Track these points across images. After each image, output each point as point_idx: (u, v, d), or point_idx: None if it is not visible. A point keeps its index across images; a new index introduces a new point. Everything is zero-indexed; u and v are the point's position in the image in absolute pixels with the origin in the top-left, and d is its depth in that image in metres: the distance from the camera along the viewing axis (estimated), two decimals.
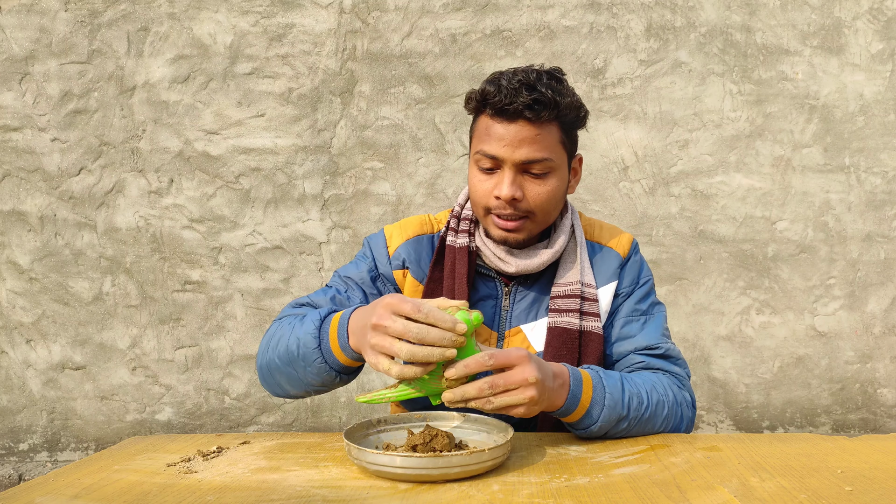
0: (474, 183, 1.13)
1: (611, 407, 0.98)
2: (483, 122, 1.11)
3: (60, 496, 0.82)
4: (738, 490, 0.78)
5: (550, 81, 1.07)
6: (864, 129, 2.56)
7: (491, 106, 1.08)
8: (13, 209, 2.65)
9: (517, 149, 1.07)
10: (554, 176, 1.11)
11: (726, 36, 2.56)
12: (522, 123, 1.07)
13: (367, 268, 1.21)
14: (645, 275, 1.23)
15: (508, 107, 1.05)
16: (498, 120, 1.08)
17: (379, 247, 1.23)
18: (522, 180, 1.09)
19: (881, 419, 2.60)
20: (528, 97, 1.04)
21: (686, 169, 2.59)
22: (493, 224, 1.13)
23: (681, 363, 1.16)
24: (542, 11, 2.58)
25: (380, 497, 0.79)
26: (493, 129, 1.08)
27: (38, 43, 2.61)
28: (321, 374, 0.99)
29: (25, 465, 2.70)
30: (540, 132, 1.07)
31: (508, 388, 0.87)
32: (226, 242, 2.64)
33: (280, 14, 2.60)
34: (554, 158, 1.09)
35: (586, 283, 1.16)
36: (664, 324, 1.19)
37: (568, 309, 1.14)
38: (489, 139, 1.09)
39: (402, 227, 1.24)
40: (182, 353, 2.66)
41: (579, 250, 1.19)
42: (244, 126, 2.62)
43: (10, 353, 2.69)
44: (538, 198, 1.10)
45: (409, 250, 1.21)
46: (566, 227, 1.19)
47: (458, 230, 1.20)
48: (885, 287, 2.59)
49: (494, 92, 1.07)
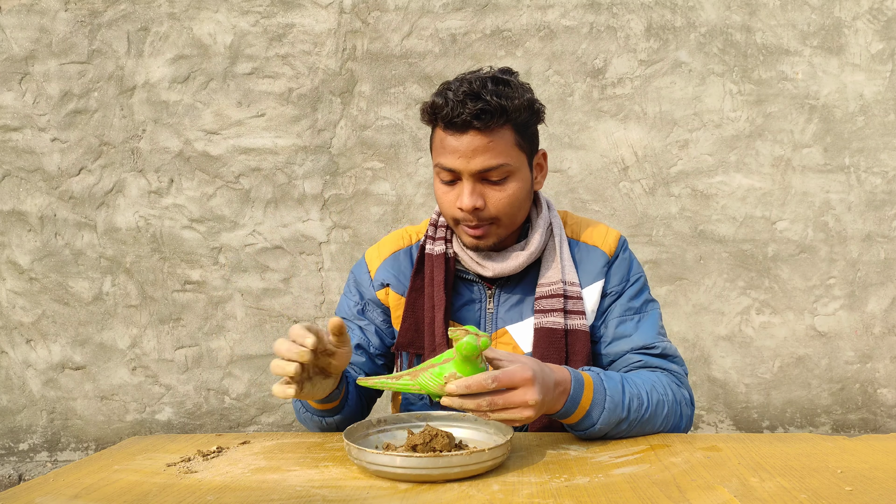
0: (439, 195, 1.14)
1: (611, 410, 0.98)
2: (438, 134, 1.12)
3: (60, 496, 0.82)
4: (738, 490, 0.78)
5: (497, 87, 1.06)
6: (864, 129, 2.56)
7: (441, 119, 1.08)
8: (13, 209, 2.65)
9: (471, 159, 1.07)
10: (513, 179, 1.11)
11: (726, 36, 2.56)
12: (473, 134, 1.06)
13: (353, 303, 1.27)
14: (635, 272, 1.22)
15: (456, 119, 1.05)
16: (450, 132, 1.08)
17: (362, 273, 1.28)
18: (482, 188, 1.10)
19: (881, 419, 2.60)
20: (475, 107, 1.04)
21: (686, 169, 2.59)
22: (464, 232, 1.14)
23: (678, 360, 1.15)
24: (542, 11, 2.58)
25: (380, 497, 0.79)
26: (447, 142, 1.09)
27: (38, 43, 2.61)
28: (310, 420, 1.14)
29: (25, 465, 2.70)
30: (492, 139, 1.07)
31: (507, 407, 0.88)
32: (226, 242, 2.64)
33: (280, 14, 2.60)
34: (511, 162, 1.09)
35: (568, 281, 1.16)
36: (659, 321, 1.19)
37: (552, 309, 1.14)
38: (444, 152, 1.09)
39: (379, 248, 1.29)
40: (182, 353, 2.66)
41: (559, 248, 1.18)
42: (244, 126, 2.62)
43: (10, 353, 2.69)
44: (500, 203, 1.10)
45: (386, 269, 1.25)
46: (542, 226, 1.19)
47: (435, 237, 1.22)
48: (885, 287, 2.59)
49: (442, 104, 1.07)
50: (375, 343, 1.24)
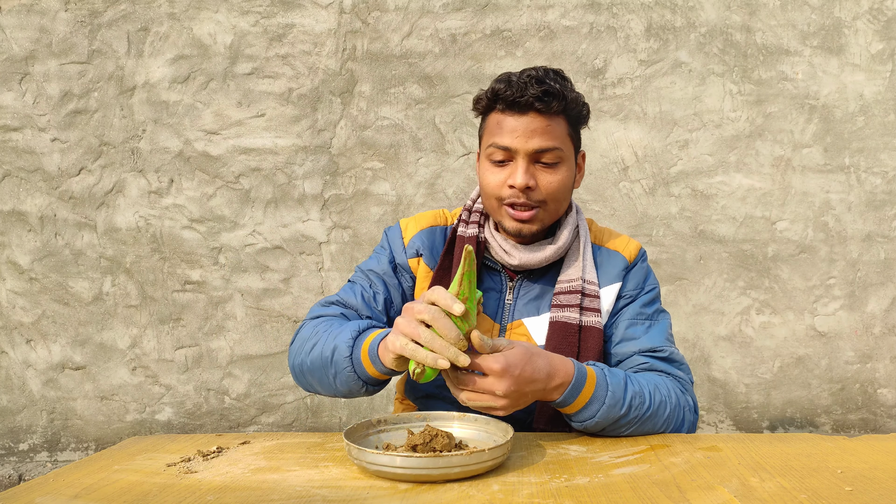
0: (486, 176, 1.17)
1: (610, 406, 1.00)
2: (494, 118, 1.16)
3: (60, 496, 0.82)
4: (738, 490, 0.78)
5: (557, 77, 1.13)
6: (864, 129, 2.56)
7: (502, 101, 1.12)
8: (13, 209, 2.65)
9: (529, 139, 1.12)
10: (564, 166, 1.15)
11: (726, 36, 2.56)
12: (533, 115, 1.11)
13: (387, 259, 1.27)
14: (651, 282, 1.26)
15: (520, 99, 1.10)
16: (509, 113, 1.13)
17: (395, 237, 1.28)
18: (534, 170, 1.14)
19: (881, 419, 2.60)
20: (539, 89, 1.09)
21: (686, 169, 2.59)
22: (507, 216, 1.16)
23: (684, 368, 1.17)
24: (542, 11, 2.58)
25: (380, 497, 0.79)
26: (505, 122, 1.13)
27: (38, 43, 2.61)
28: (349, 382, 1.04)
29: (25, 465, 2.70)
30: (550, 123, 1.12)
31: (476, 391, 0.92)
32: (226, 242, 2.64)
33: (280, 14, 2.60)
34: (563, 148, 1.14)
35: (588, 279, 1.20)
36: (669, 330, 1.22)
37: (569, 304, 1.17)
38: (501, 132, 1.13)
39: (416, 219, 1.30)
40: (182, 353, 2.66)
41: (583, 248, 1.22)
42: (244, 126, 2.62)
43: (10, 353, 2.69)
44: (550, 186, 1.14)
45: (422, 239, 1.26)
46: (570, 224, 1.23)
47: (468, 221, 1.25)
48: (885, 287, 2.59)
49: (505, 88, 1.12)
50: (399, 306, 1.24)
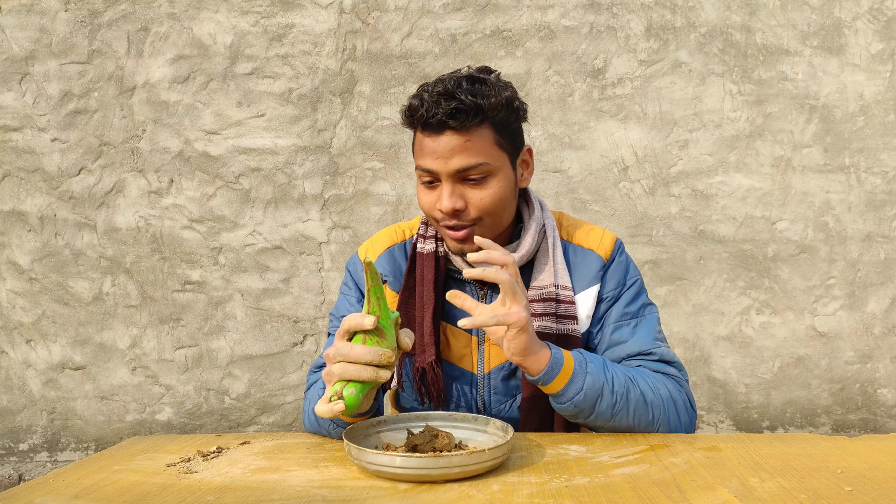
0: (421, 198, 1.13)
1: (594, 380, 1.01)
2: (417, 137, 1.11)
3: (60, 496, 0.82)
4: (738, 490, 0.78)
5: (472, 86, 1.05)
6: (864, 130, 2.56)
7: (417, 121, 1.08)
8: (13, 209, 2.65)
9: (449, 160, 1.05)
10: (494, 178, 1.08)
11: (726, 36, 2.56)
12: (449, 134, 1.05)
13: (354, 299, 1.24)
14: (632, 275, 1.20)
15: (431, 120, 1.04)
16: (427, 134, 1.07)
17: (357, 270, 1.25)
18: (462, 189, 1.08)
19: (881, 419, 2.60)
20: (448, 107, 1.03)
21: (686, 169, 2.59)
22: (447, 236, 1.12)
23: (676, 366, 1.13)
24: (542, 11, 2.58)
25: (380, 497, 0.79)
26: (425, 144, 1.08)
27: (38, 43, 2.61)
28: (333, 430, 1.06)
29: (25, 465, 2.70)
30: (469, 139, 1.05)
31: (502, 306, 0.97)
32: (226, 242, 2.64)
33: (280, 14, 2.60)
34: (490, 161, 1.07)
35: (560, 285, 1.14)
36: (657, 326, 1.17)
37: (543, 313, 1.12)
38: (423, 154, 1.08)
39: (372, 243, 1.27)
40: (182, 353, 2.66)
41: (552, 250, 1.16)
42: (244, 126, 2.62)
43: (10, 353, 2.69)
44: (481, 203, 1.08)
45: (382, 265, 1.22)
46: (534, 227, 1.16)
47: (426, 236, 1.20)
48: (885, 287, 2.59)
49: (417, 106, 1.07)
50: None
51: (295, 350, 2.66)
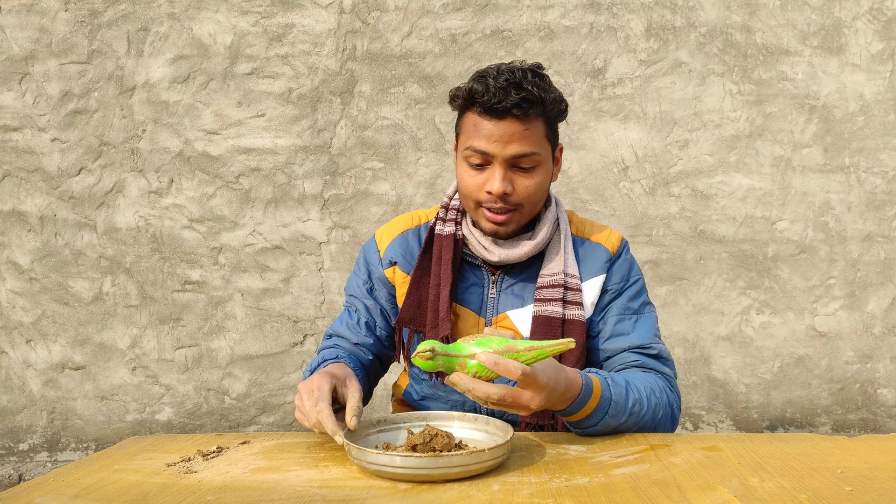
0: (464, 178, 1.17)
1: (613, 416, 1.02)
2: (471, 118, 1.14)
3: (60, 496, 0.82)
4: (738, 490, 0.78)
5: (535, 79, 1.11)
6: (864, 129, 2.56)
7: (480, 104, 1.11)
8: (13, 209, 2.65)
9: (507, 145, 1.11)
10: (541, 169, 1.15)
11: (726, 36, 2.56)
12: (511, 121, 1.10)
13: (362, 281, 1.31)
14: (635, 274, 1.26)
15: (497, 105, 1.09)
16: (487, 117, 1.11)
17: (371, 252, 1.31)
18: (511, 175, 1.13)
19: (881, 419, 2.60)
20: (517, 96, 1.08)
21: (686, 169, 2.59)
22: (484, 217, 1.17)
23: (670, 364, 1.19)
24: (542, 11, 2.58)
25: (380, 497, 0.79)
26: (483, 126, 1.12)
27: (38, 43, 2.61)
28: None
29: (25, 465, 2.70)
30: (528, 128, 1.11)
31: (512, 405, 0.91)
32: (226, 242, 2.64)
33: (280, 14, 2.60)
34: (541, 152, 1.14)
35: (570, 273, 1.20)
36: (656, 324, 1.23)
37: (552, 298, 1.17)
38: (478, 136, 1.12)
39: (388, 229, 1.33)
40: (182, 353, 2.66)
41: (563, 242, 1.22)
42: (244, 126, 2.62)
43: (10, 353, 2.69)
44: (527, 190, 1.14)
45: (395, 248, 1.29)
46: (549, 219, 1.23)
47: (445, 219, 1.25)
48: (885, 287, 2.59)
49: (482, 91, 1.10)
50: (381, 324, 1.28)
51: (295, 350, 2.66)
